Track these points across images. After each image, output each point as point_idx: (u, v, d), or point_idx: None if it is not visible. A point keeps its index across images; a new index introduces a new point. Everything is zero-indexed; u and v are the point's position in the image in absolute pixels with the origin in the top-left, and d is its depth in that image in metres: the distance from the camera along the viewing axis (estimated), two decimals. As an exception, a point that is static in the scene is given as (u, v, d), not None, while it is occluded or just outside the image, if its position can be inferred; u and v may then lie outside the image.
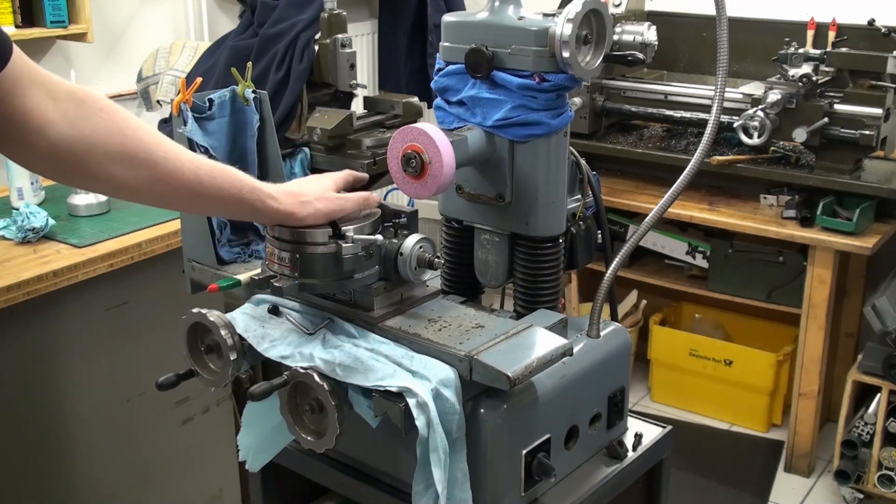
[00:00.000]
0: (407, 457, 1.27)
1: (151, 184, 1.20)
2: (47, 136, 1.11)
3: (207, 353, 1.37)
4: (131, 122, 1.18)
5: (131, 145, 1.17)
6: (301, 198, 1.28)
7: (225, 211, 1.31)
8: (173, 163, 1.20)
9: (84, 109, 1.14)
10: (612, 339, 1.49)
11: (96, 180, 1.19)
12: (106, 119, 1.15)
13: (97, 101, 1.16)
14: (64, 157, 1.13)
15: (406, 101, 2.71)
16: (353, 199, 1.33)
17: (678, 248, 3.58)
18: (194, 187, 1.22)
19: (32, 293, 2.05)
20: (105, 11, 3.18)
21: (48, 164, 1.15)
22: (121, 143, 1.16)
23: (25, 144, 1.11)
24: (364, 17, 4.02)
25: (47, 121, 1.11)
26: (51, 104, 1.11)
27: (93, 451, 2.31)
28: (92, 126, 1.14)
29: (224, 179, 1.23)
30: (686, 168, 1.42)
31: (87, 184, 1.25)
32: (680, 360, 3.68)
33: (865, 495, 3.10)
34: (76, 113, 1.13)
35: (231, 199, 1.25)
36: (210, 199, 1.24)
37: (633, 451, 1.51)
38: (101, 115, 1.15)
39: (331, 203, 1.30)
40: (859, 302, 3.46)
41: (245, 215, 1.31)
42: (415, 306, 1.37)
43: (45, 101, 1.10)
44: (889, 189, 3.02)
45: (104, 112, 1.16)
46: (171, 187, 1.21)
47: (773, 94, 3.03)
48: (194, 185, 1.21)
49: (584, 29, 1.34)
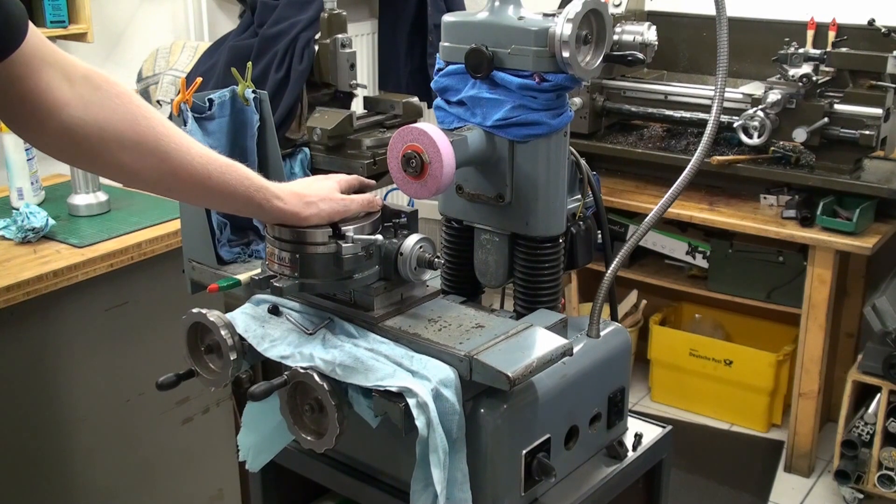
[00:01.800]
0: (407, 457, 1.27)
1: (161, 175, 1.19)
2: (61, 119, 1.09)
3: (207, 353, 1.37)
4: (146, 112, 1.17)
5: (144, 134, 1.15)
6: (306, 198, 1.28)
7: (231, 207, 1.31)
8: (184, 156, 1.19)
9: (100, 94, 1.12)
10: (612, 339, 1.49)
11: (107, 167, 1.18)
12: (121, 106, 1.14)
13: (114, 87, 1.15)
14: (76, 140, 1.12)
15: (406, 101, 2.71)
16: (357, 200, 1.33)
17: (678, 248, 3.58)
18: (203, 181, 1.21)
19: (32, 293, 2.05)
20: (105, 11, 3.18)
21: (60, 147, 1.14)
22: (133, 132, 1.14)
23: (38, 125, 1.10)
24: (364, 17, 4.02)
25: (62, 102, 1.09)
26: (66, 86, 1.09)
27: (93, 451, 2.31)
28: (106, 112, 1.12)
29: (233, 176, 1.23)
30: (686, 168, 1.42)
31: (99, 169, 1.24)
32: (680, 360, 3.68)
33: (865, 495, 3.10)
34: (91, 97, 1.12)
35: (238, 195, 1.24)
36: (218, 194, 1.24)
37: (633, 451, 1.51)
38: (116, 102, 1.14)
39: (335, 204, 1.30)
40: (859, 302, 3.46)
41: (250, 212, 1.31)
42: (415, 306, 1.37)
43: (61, 82, 1.09)
44: (889, 189, 3.02)
45: (120, 98, 1.14)
46: (180, 180, 1.20)
47: (773, 94, 3.03)
48: (203, 178, 1.21)
49: (584, 29, 1.34)
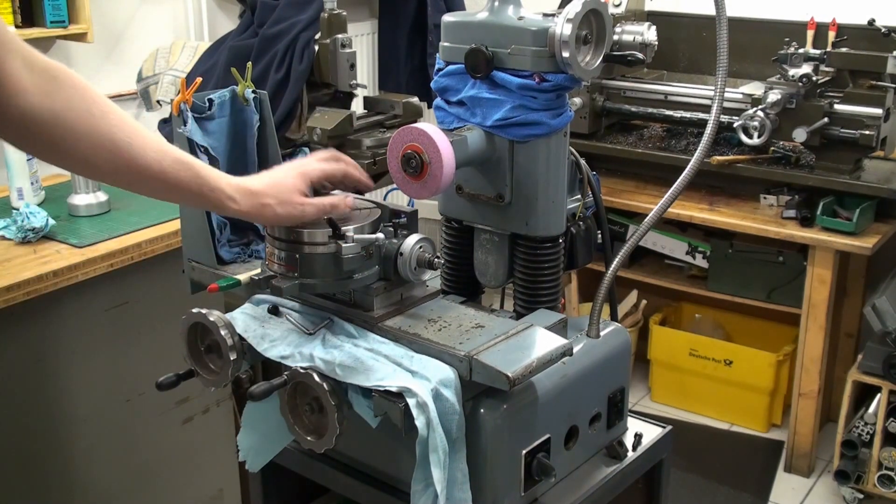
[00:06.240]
0: (407, 457, 1.27)
1: (116, 168, 1.19)
2: (19, 105, 1.11)
3: (207, 353, 1.37)
4: (103, 105, 1.18)
5: (97, 126, 1.16)
6: (262, 199, 1.27)
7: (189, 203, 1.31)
8: (138, 150, 1.19)
9: (55, 84, 1.14)
10: (612, 339, 1.49)
11: (64, 157, 1.19)
12: (76, 97, 1.15)
13: (70, 79, 1.16)
14: (33, 128, 1.13)
15: (406, 101, 2.71)
16: (316, 205, 1.30)
17: (678, 248, 3.57)
18: (157, 176, 1.21)
19: (32, 293, 2.05)
20: (105, 11, 3.17)
21: (18, 133, 1.15)
22: (88, 124, 1.16)
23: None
24: (364, 17, 4.02)
25: (21, 89, 1.11)
26: (26, 73, 1.11)
27: (93, 451, 2.31)
28: (62, 102, 1.14)
29: (185, 174, 1.23)
30: (686, 168, 1.42)
31: (57, 160, 1.24)
32: (680, 360, 3.68)
33: (865, 495, 3.10)
34: (49, 87, 1.13)
35: (192, 193, 1.25)
36: (174, 190, 1.24)
37: (633, 451, 1.51)
38: (71, 93, 1.15)
39: (291, 209, 1.28)
40: (859, 302, 3.46)
41: (209, 209, 1.32)
42: (415, 306, 1.37)
43: (21, 69, 1.11)
44: (889, 189, 3.02)
45: (75, 90, 1.16)
46: (134, 174, 1.20)
47: (773, 94, 3.03)
48: (157, 174, 1.21)
49: (583, 29, 1.34)
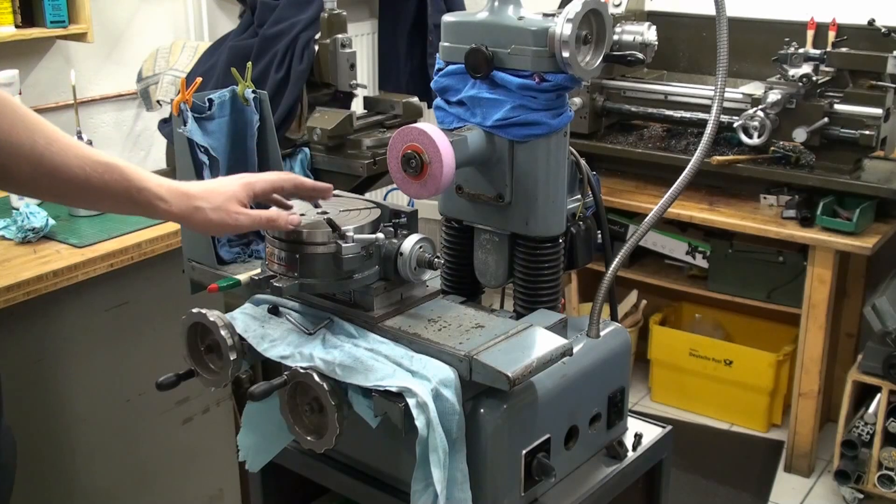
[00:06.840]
0: (407, 457, 1.27)
1: (36, 177, 1.17)
2: None
3: (207, 353, 1.37)
4: (19, 112, 1.16)
5: (15, 135, 1.14)
6: (195, 202, 1.26)
7: (118, 208, 1.28)
8: (60, 157, 1.17)
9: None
10: (612, 339, 1.49)
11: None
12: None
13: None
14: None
15: (406, 101, 2.72)
16: (252, 217, 1.29)
17: (678, 248, 3.57)
18: (81, 183, 1.19)
19: (32, 293, 2.05)
20: (105, 11, 3.18)
21: None
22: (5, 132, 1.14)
23: None
24: (364, 17, 4.02)
25: None
26: None
27: (93, 451, 2.31)
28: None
29: (112, 177, 1.21)
30: (686, 168, 1.42)
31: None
32: (680, 360, 3.68)
33: (865, 495, 3.10)
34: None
35: (120, 197, 1.23)
36: (100, 195, 1.22)
37: (633, 451, 1.51)
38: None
39: (225, 217, 1.27)
40: (859, 302, 3.46)
41: (138, 213, 1.28)
42: (415, 306, 1.36)
43: None
44: (889, 189, 3.02)
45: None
46: (57, 181, 1.18)
47: (773, 94, 3.03)
48: (81, 181, 1.19)
49: (583, 29, 1.34)
